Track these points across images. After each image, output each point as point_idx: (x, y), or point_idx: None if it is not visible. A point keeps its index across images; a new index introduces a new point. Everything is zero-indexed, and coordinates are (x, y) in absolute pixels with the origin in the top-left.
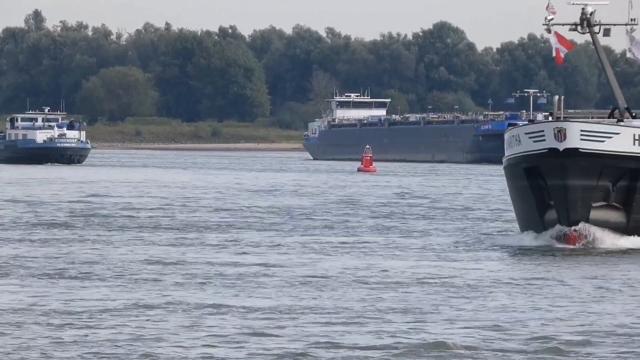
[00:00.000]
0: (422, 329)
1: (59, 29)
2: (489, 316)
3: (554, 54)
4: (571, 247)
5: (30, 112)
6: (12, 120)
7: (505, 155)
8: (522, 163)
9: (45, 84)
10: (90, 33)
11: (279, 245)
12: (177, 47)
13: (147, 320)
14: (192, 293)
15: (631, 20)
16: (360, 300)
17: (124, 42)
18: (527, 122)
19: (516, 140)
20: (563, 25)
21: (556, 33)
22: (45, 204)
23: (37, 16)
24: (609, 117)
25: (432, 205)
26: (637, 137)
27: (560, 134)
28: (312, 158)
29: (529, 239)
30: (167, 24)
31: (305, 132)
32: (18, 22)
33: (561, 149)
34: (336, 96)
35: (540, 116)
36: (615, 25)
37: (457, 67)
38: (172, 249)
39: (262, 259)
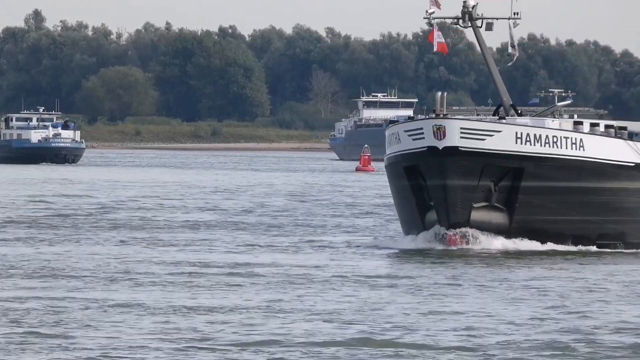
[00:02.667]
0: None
1: (59, 28)
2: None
3: (435, 48)
4: (452, 248)
5: (25, 111)
6: (7, 120)
7: (386, 153)
8: (402, 162)
9: (45, 84)
10: (90, 33)
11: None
12: (177, 47)
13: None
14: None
15: (514, 14)
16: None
17: (124, 42)
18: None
19: (396, 138)
20: (445, 18)
21: (437, 27)
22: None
23: (37, 16)
24: (494, 115)
25: (355, 203)
26: (519, 135)
27: (440, 132)
28: (338, 158)
29: (408, 241)
30: (167, 23)
31: (332, 132)
32: (18, 22)
33: (440, 148)
34: (363, 96)
35: (564, 116)
36: (498, 19)
37: (457, 67)
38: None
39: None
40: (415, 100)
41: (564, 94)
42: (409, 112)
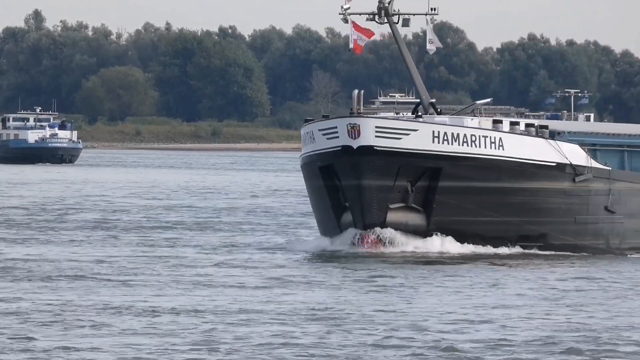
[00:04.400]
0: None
1: (59, 28)
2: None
3: (351, 45)
4: (367, 251)
5: (22, 112)
6: (4, 120)
7: (302, 153)
8: (317, 162)
9: (45, 84)
10: (90, 33)
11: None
12: (177, 47)
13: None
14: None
15: (431, 9)
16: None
17: (124, 42)
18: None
19: (310, 137)
20: (360, 14)
21: (353, 23)
22: None
23: (37, 16)
24: (412, 113)
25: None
26: (436, 134)
27: (354, 131)
28: None
29: (324, 243)
30: (167, 23)
31: None
32: (18, 22)
33: (355, 147)
34: (380, 96)
35: (581, 117)
36: (414, 15)
37: (457, 67)
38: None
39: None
40: (433, 100)
41: (580, 95)
42: None
